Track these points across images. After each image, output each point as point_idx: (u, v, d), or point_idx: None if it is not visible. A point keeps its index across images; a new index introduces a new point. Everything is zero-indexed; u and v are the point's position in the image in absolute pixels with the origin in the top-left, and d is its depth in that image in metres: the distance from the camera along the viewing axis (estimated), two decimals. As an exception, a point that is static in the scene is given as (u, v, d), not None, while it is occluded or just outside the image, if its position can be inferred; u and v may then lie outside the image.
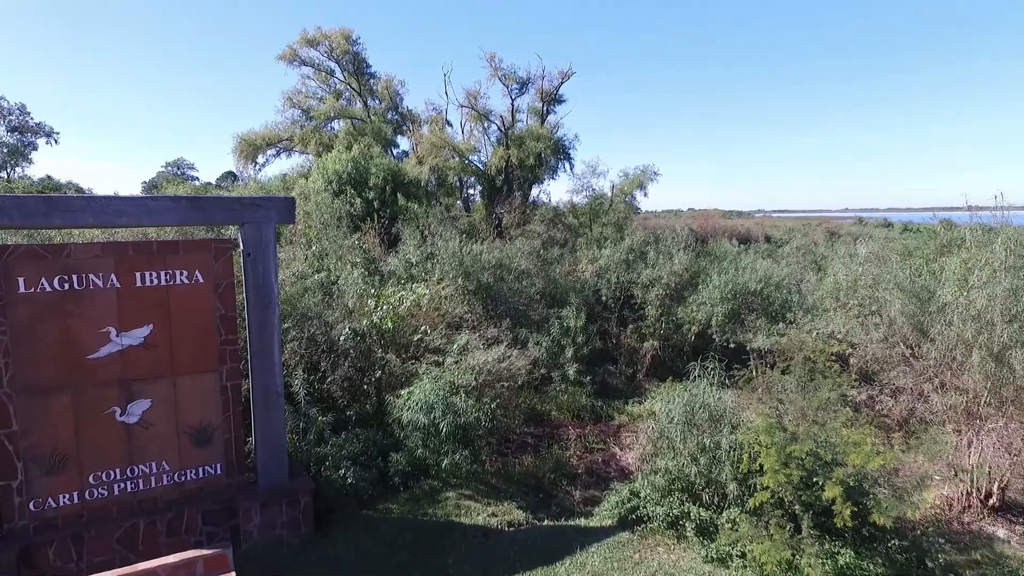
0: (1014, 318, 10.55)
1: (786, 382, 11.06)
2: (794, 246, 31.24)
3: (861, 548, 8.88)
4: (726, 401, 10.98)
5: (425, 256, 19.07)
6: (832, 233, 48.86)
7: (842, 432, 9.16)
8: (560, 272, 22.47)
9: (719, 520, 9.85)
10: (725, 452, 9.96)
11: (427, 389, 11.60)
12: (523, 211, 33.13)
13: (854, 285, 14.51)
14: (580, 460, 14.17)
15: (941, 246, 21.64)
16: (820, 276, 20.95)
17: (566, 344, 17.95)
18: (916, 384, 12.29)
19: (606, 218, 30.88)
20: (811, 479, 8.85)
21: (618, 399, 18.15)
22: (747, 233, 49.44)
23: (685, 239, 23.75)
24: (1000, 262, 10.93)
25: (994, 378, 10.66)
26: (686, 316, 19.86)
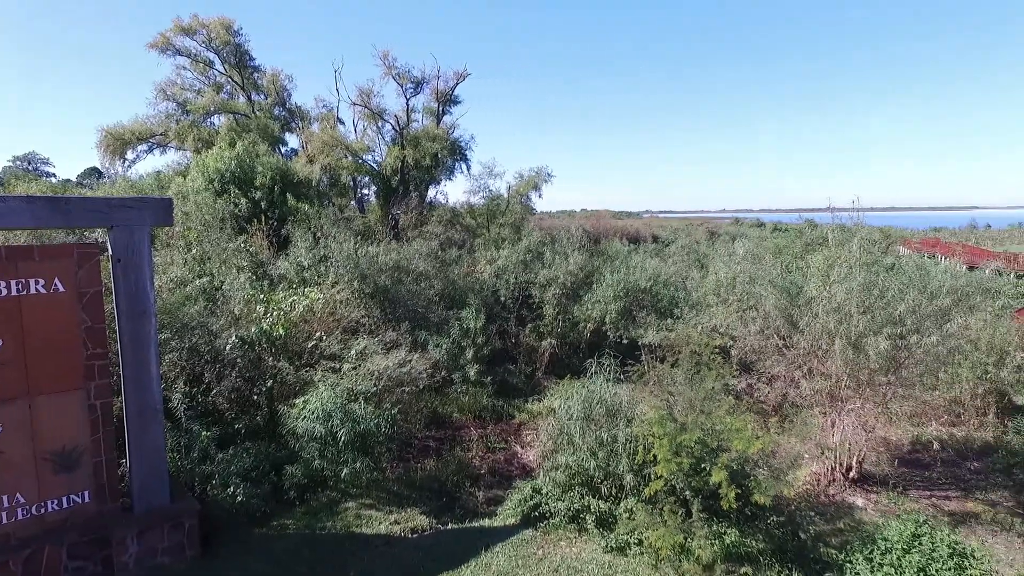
0: (867, 309, 11.77)
1: (675, 375, 11.67)
2: (679, 245, 33.10)
3: (744, 527, 9.56)
4: (621, 396, 11.43)
5: (318, 259, 18.36)
6: (712, 233, 52.34)
7: (726, 420, 9.80)
8: (459, 273, 22.44)
9: (617, 511, 10.23)
10: (622, 445, 10.36)
11: (324, 397, 11.16)
12: (420, 212, 32.77)
13: (733, 282, 15.57)
14: (483, 460, 14.21)
15: (806, 244, 23.75)
16: (703, 274, 22.34)
17: (466, 345, 17.94)
18: (788, 372, 13.40)
19: (503, 219, 31.22)
20: (699, 466, 9.41)
21: (518, 397, 18.39)
22: (636, 233, 51.79)
23: (579, 240, 24.47)
24: (856, 259, 12.16)
25: (852, 364, 11.84)
26: (582, 314, 20.48)
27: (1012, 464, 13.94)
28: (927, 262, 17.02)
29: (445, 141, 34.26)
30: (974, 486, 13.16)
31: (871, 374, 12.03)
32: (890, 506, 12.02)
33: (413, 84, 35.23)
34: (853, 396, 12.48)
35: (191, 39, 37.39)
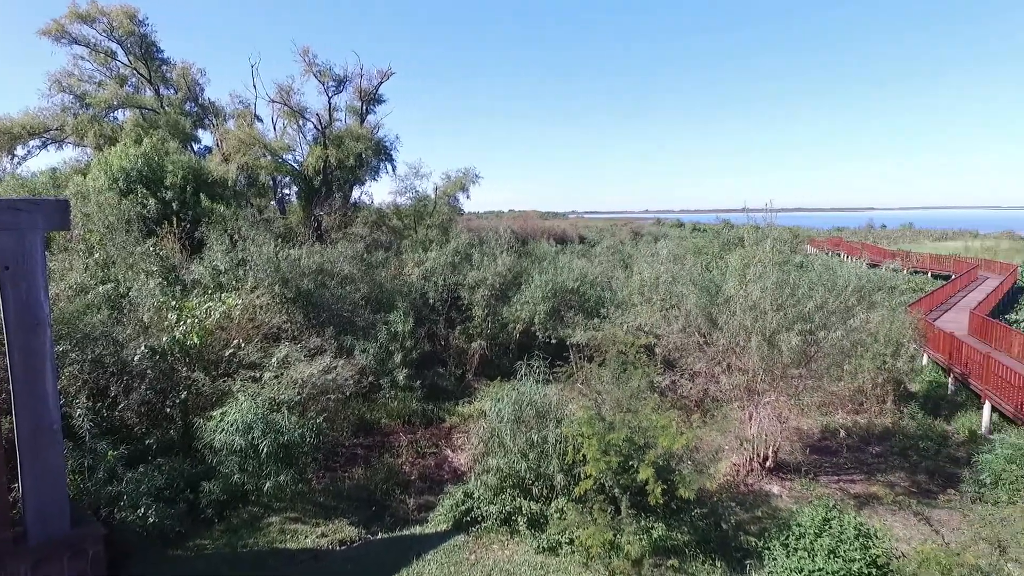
0: (780, 307, 12.42)
1: (603, 374, 11.90)
2: (605, 246, 33.90)
3: (671, 520, 9.84)
4: (551, 397, 11.52)
5: (236, 263, 17.52)
6: (636, 233, 53.89)
7: (651, 417, 10.06)
8: (386, 276, 22.02)
9: (549, 511, 10.31)
10: (552, 446, 10.44)
11: (244, 408, 10.64)
12: (344, 213, 31.94)
13: (656, 282, 16.06)
14: (413, 466, 13.98)
15: (724, 244, 24.81)
16: (628, 274, 22.93)
17: (394, 349, 17.62)
18: (709, 368, 13.95)
19: (430, 220, 30.90)
20: (627, 463, 9.61)
21: (449, 401, 18.24)
22: (563, 234, 52.59)
23: (507, 241, 24.54)
24: (770, 259, 12.81)
25: (767, 359, 12.46)
26: (511, 315, 20.55)
27: (907, 447, 15.10)
28: (833, 261, 18.14)
29: (369, 141, 33.51)
30: (875, 469, 14.16)
31: (784, 368, 12.70)
32: (803, 492, 12.73)
33: (335, 82, 34.29)
34: (768, 389, 13.14)
35: (90, 27, 34.78)
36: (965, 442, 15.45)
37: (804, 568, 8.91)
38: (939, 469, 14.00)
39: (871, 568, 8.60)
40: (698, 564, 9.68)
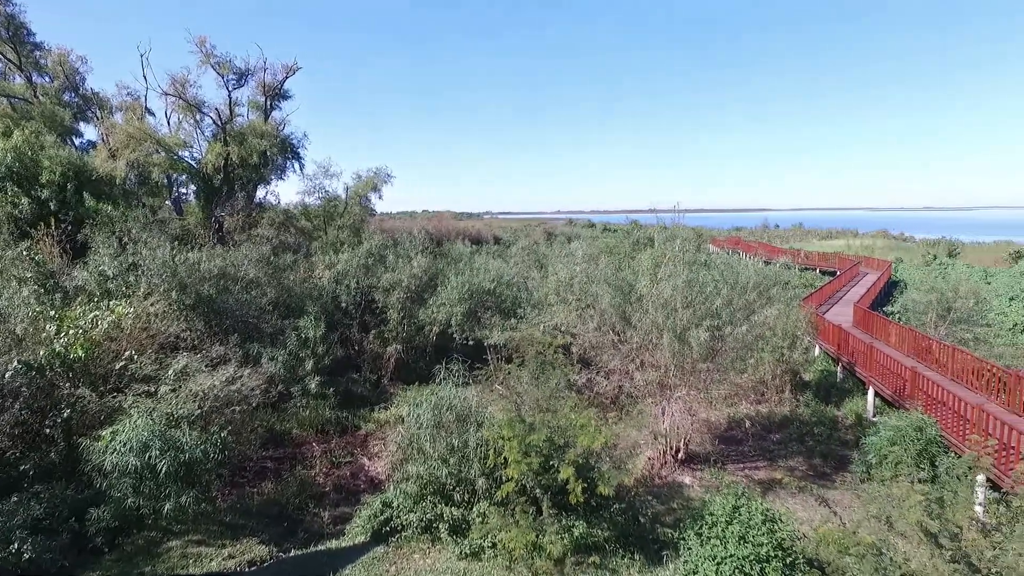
0: (690, 304, 12.91)
1: (522, 375, 11.92)
2: (520, 246, 34.13)
3: (591, 518, 9.98)
4: (471, 400, 11.41)
5: (126, 267, 16.17)
6: (550, 234, 54.70)
7: (571, 416, 10.18)
8: (295, 279, 21.09)
9: (471, 516, 10.18)
10: (473, 450, 10.33)
11: (138, 425, 9.79)
12: (248, 214, 30.34)
13: (571, 282, 16.29)
14: (327, 477, 13.44)
15: (634, 244, 25.53)
16: (543, 274, 23.17)
17: (305, 356, 16.90)
18: (623, 365, 14.29)
19: (342, 221, 29.96)
20: (548, 464, 9.66)
21: (364, 407, 17.71)
22: (478, 234, 52.59)
23: (422, 242, 24.17)
24: (679, 258, 13.29)
25: (678, 355, 12.92)
26: (427, 318, 20.24)
27: (804, 433, 16.15)
28: (733, 259, 19.11)
29: (275, 138, 31.99)
30: (777, 455, 15.03)
31: (694, 363, 13.22)
32: (712, 481, 13.30)
33: (236, 75, 32.45)
34: (680, 384, 13.63)
35: (-55, 5, 31.11)
36: (853, 425, 16.71)
37: (717, 555, 9.27)
38: (832, 452, 15.05)
39: (777, 551, 9.08)
40: (618, 559, 9.87)
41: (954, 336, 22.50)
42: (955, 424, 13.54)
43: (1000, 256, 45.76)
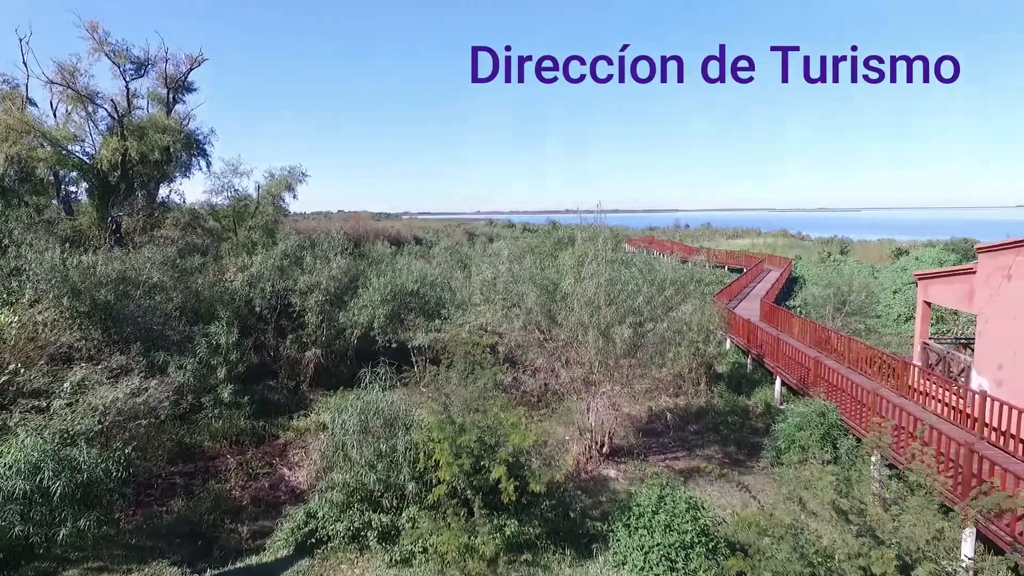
0: (613, 301, 13.21)
1: (450, 376, 11.79)
2: (442, 246, 33.84)
3: (522, 516, 10.00)
4: (399, 403, 11.15)
5: (8, 272, 14.70)
6: (471, 234, 54.58)
7: (501, 416, 10.15)
8: (204, 283, 19.92)
9: (400, 522, 9.95)
10: (402, 454, 10.10)
11: (27, 446, 8.89)
12: (150, 214, 28.37)
13: (494, 282, 16.28)
14: (244, 490, 12.76)
15: (555, 243, 25.87)
16: (467, 274, 23.06)
17: (217, 364, 15.99)
18: (549, 363, 14.45)
19: (253, 221, 28.53)
20: (479, 464, 9.59)
21: (282, 415, 16.96)
22: (398, 235, 51.70)
23: (341, 243, 23.41)
24: (603, 257, 13.57)
25: (603, 352, 13.19)
26: (348, 320, 19.66)
27: (719, 423, 16.93)
28: (651, 258, 19.76)
29: (179, 133, 29.99)
30: (695, 445, 15.68)
31: (617, 359, 13.55)
32: (636, 473, 13.69)
33: (135, 65, 30.18)
34: (604, 380, 13.93)
35: None
36: (763, 414, 17.70)
37: (644, 545, 9.55)
38: (745, 440, 15.87)
39: (701, 537, 9.46)
40: (549, 555, 9.94)
41: (849, 327, 24.31)
42: (853, 408, 14.60)
43: (884, 253, 49.96)
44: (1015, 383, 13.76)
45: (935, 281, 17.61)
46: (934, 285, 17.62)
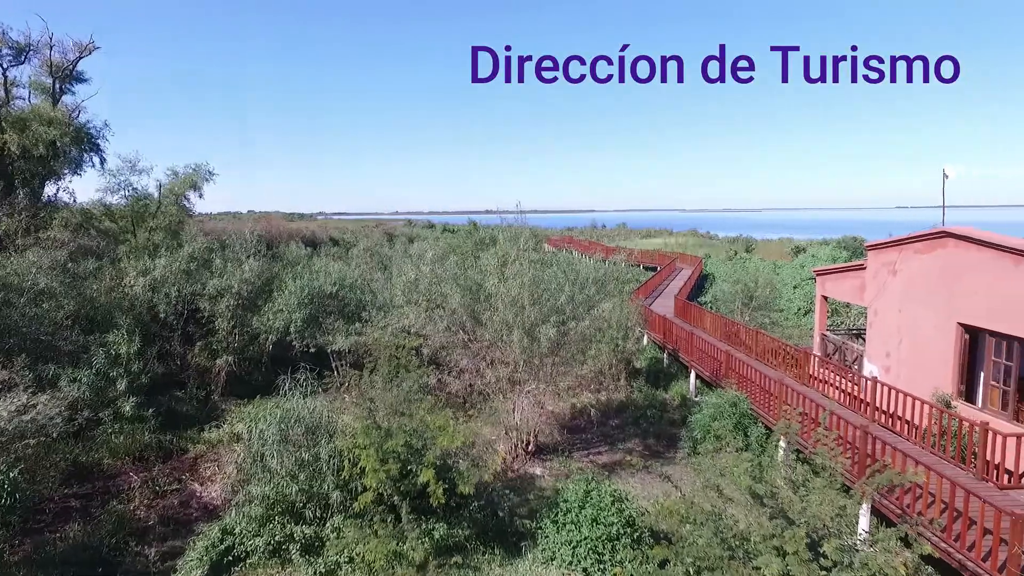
0: (537, 301, 13.35)
1: (374, 380, 11.49)
2: (361, 248, 32.98)
3: (451, 518, 9.91)
4: (321, 410, 10.77)
5: None
6: (390, 235, 53.58)
7: (427, 419, 10.01)
8: (100, 289, 18.44)
9: (325, 533, 9.61)
10: (325, 462, 9.75)
11: None
12: (34, 214, 25.94)
13: (416, 283, 16.06)
14: (150, 509, 11.94)
15: (476, 244, 25.83)
16: (388, 275, 22.62)
17: (117, 375, 14.87)
18: (474, 363, 14.42)
19: (155, 222, 26.69)
20: (407, 469, 9.41)
21: (192, 427, 16.01)
22: (313, 236, 50.02)
23: (253, 244, 22.35)
24: (526, 257, 13.69)
25: (527, 351, 13.30)
26: (263, 325, 18.81)
27: (638, 417, 17.49)
28: (572, 257, 20.15)
29: (67, 126, 27.59)
30: (617, 439, 16.10)
31: (542, 357, 13.71)
32: (562, 470, 13.89)
33: (13, 50, 27.55)
34: (528, 379, 14.05)
35: None
36: (679, 406, 18.43)
37: (572, 539, 9.70)
38: (664, 432, 16.47)
39: (626, 528, 9.72)
40: (479, 556, 9.91)
41: (756, 321, 25.77)
42: (762, 398, 15.47)
43: (784, 251, 53.33)
44: (901, 370, 15.04)
45: (831, 277, 18.96)
46: (830, 281, 18.97)
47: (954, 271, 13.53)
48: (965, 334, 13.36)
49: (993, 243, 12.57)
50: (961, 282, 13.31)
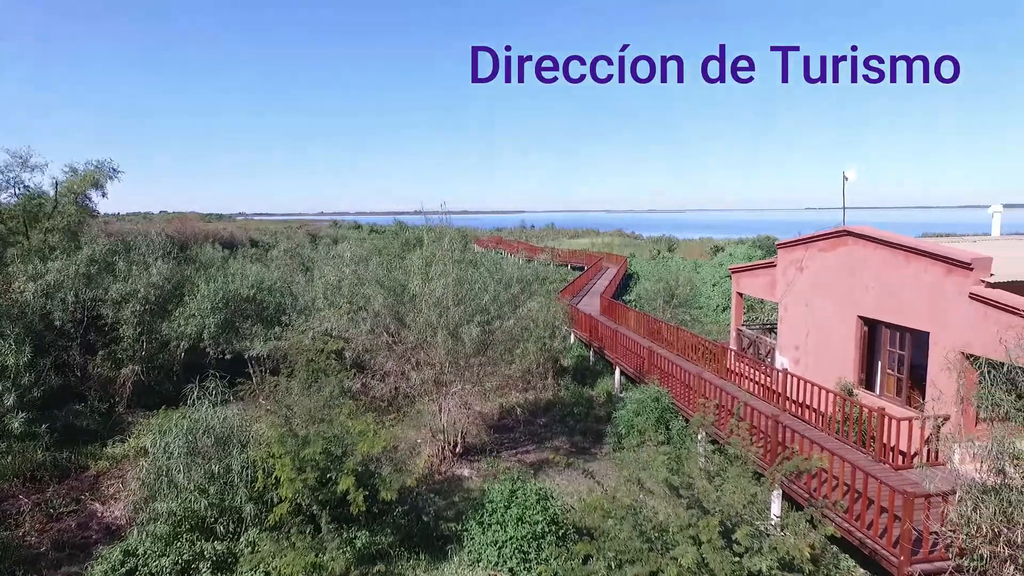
0: (461, 301, 13.23)
1: (291, 385, 11.06)
2: (282, 249, 31.79)
3: (374, 525, 9.65)
4: (233, 419, 10.24)
5: None
6: (314, 236, 52.02)
7: (348, 424, 9.71)
8: (-17, 295, 16.89)
9: (238, 548, 9.14)
10: (238, 474, 9.28)
11: None
12: (-95, 214, 23.46)
13: (339, 285, 15.60)
14: (43, 534, 11.02)
15: (403, 244, 25.42)
16: (309, 277, 21.89)
17: (4, 389, 13.63)
18: (399, 366, 14.13)
19: (51, 223, 24.70)
20: (326, 477, 9.09)
21: (93, 442, 14.93)
22: (231, 237, 47.90)
23: (163, 246, 21.07)
24: (449, 257, 13.54)
25: (453, 351, 13.16)
26: (173, 332, 17.76)
27: (565, 414, 17.69)
28: (499, 257, 20.17)
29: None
30: (544, 438, 16.22)
31: (467, 358, 13.60)
32: (490, 470, 13.83)
33: None
34: (455, 380, 13.91)
35: None
36: (605, 403, 18.78)
37: (498, 540, 9.66)
38: (590, 429, 16.71)
39: (551, 526, 9.77)
40: (403, 562, 9.70)
41: (677, 318, 26.66)
42: (682, 392, 15.97)
43: (704, 250, 55.58)
44: (808, 361, 15.91)
45: (745, 274, 19.84)
46: (744, 278, 19.85)
47: (854, 267, 14.42)
48: (864, 326, 14.27)
49: (887, 241, 13.49)
50: (860, 277, 14.20)
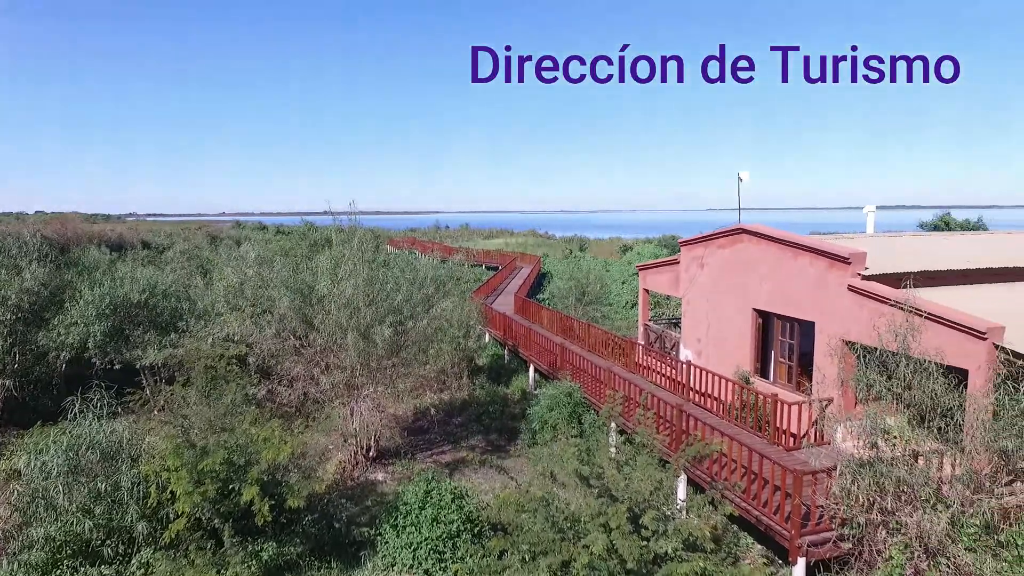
0: (372, 301, 12.96)
1: (188, 395, 10.42)
2: (178, 251, 29.92)
3: (282, 536, 9.26)
4: (122, 432, 9.50)
5: None
6: (214, 237, 49.28)
7: (251, 432, 9.28)
8: None
9: (129, 571, 8.49)
10: (128, 491, 8.62)
11: None
12: None
13: (240, 288, 14.86)
14: None
15: (311, 245, 24.60)
16: (208, 280, 20.72)
17: None
18: (307, 370, 13.64)
19: (-98, 223, 22.07)
20: (227, 488, 8.63)
21: (-44, 468, 13.39)
22: (120, 239, 44.49)
23: (39, 248, 19.27)
24: (359, 257, 13.22)
25: (364, 353, 12.85)
26: (52, 341, 16.27)
27: (481, 413, 17.72)
28: (412, 257, 19.88)
29: None
30: (460, 437, 16.17)
31: (380, 360, 13.33)
32: (404, 473, 13.64)
33: None
34: (367, 382, 13.60)
35: None
36: (519, 400, 18.98)
37: (413, 542, 9.55)
38: (505, 426, 16.83)
39: (466, 524, 9.77)
40: (314, 572, 9.38)
41: (588, 315, 27.37)
42: (594, 386, 16.39)
43: (614, 249, 57.41)
44: (710, 352, 16.79)
45: (651, 271, 20.66)
46: (651, 275, 20.66)
47: (748, 263, 15.35)
48: (759, 318, 15.23)
49: (777, 238, 14.47)
50: (754, 272, 15.14)
